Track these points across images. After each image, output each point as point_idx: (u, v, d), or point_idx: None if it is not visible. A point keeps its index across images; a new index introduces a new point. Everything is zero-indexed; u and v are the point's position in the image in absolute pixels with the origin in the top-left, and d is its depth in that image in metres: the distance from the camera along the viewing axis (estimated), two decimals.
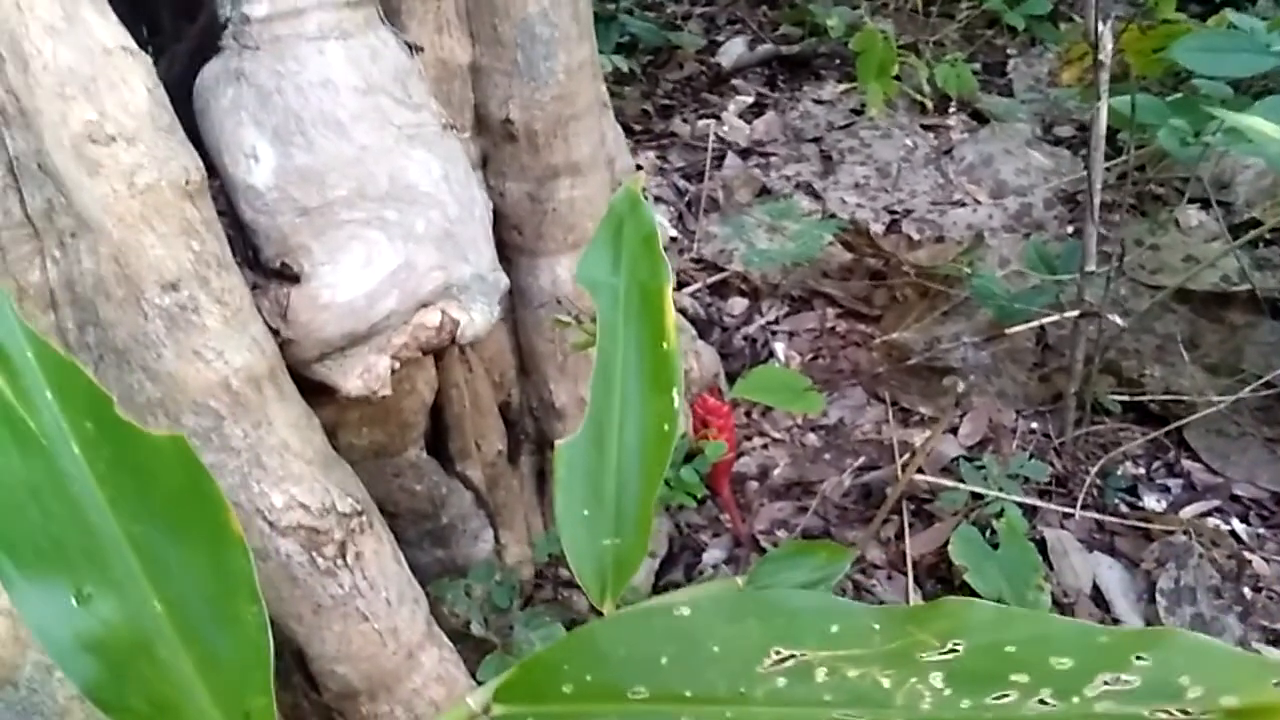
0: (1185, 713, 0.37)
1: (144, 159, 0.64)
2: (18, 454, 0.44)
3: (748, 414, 1.49)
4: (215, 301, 0.69)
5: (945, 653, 0.41)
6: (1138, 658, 0.38)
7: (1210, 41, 1.12)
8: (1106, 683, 0.38)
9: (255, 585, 0.46)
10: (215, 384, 0.70)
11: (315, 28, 0.77)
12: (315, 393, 0.81)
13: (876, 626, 0.42)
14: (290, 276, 0.76)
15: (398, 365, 0.79)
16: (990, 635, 0.41)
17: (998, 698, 0.39)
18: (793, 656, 0.43)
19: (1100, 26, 1.02)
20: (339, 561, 0.78)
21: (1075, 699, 0.38)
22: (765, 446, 1.45)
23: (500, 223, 1.04)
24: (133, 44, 0.66)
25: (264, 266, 0.77)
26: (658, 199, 1.95)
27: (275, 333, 0.75)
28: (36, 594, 0.44)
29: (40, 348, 0.44)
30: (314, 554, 0.76)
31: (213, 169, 0.76)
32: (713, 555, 1.29)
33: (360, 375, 0.78)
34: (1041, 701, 0.38)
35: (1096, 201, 1.15)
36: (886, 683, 0.41)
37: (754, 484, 1.39)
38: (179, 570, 0.45)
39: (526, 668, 0.48)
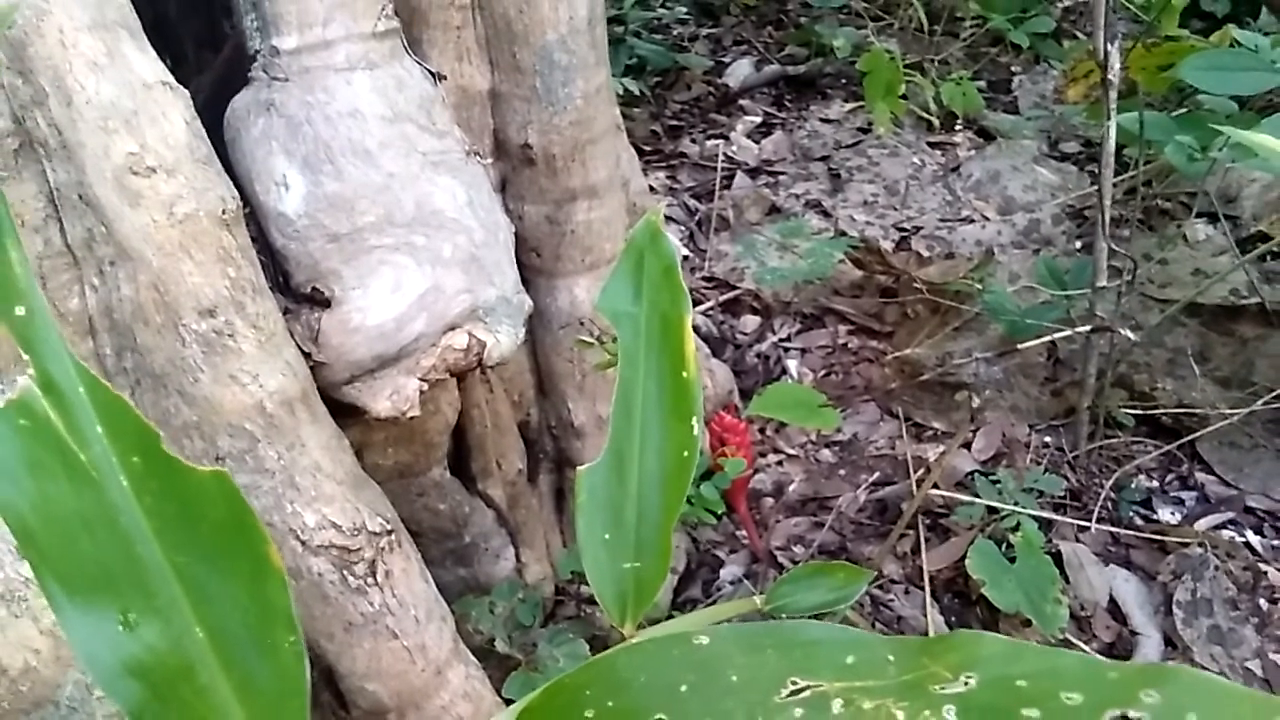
0: None
1: (183, 189, 0.66)
2: (69, 486, 0.46)
3: (762, 431, 1.50)
4: (250, 326, 0.71)
5: (958, 686, 0.42)
6: (1146, 694, 0.38)
7: (1217, 60, 1.14)
8: (1114, 718, 0.39)
9: (293, 615, 0.47)
10: (250, 407, 0.71)
11: (343, 59, 0.80)
12: (342, 413, 0.83)
13: (891, 658, 0.43)
14: (321, 301, 0.77)
15: (426, 387, 0.80)
16: (1001, 669, 0.41)
17: None
18: (809, 687, 0.44)
19: (1108, 47, 1.04)
20: (369, 580, 0.79)
21: None
22: (780, 463, 1.47)
23: (519, 245, 1.05)
24: (171, 79, 0.68)
25: (295, 291, 0.79)
26: (669, 219, 1.97)
27: (307, 356, 0.76)
28: (84, 620, 0.46)
29: (92, 383, 0.46)
30: (345, 572, 0.78)
31: (244, 196, 0.78)
32: (730, 571, 1.30)
33: (389, 397, 0.79)
34: None
35: (1107, 218, 1.17)
36: (901, 715, 0.42)
37: (770, 500, 1.40)
38: (220, 599, 0.47)
39: (550, 693, 0.50)
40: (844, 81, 2.37)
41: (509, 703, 0.92)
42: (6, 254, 0.47)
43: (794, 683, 0.44)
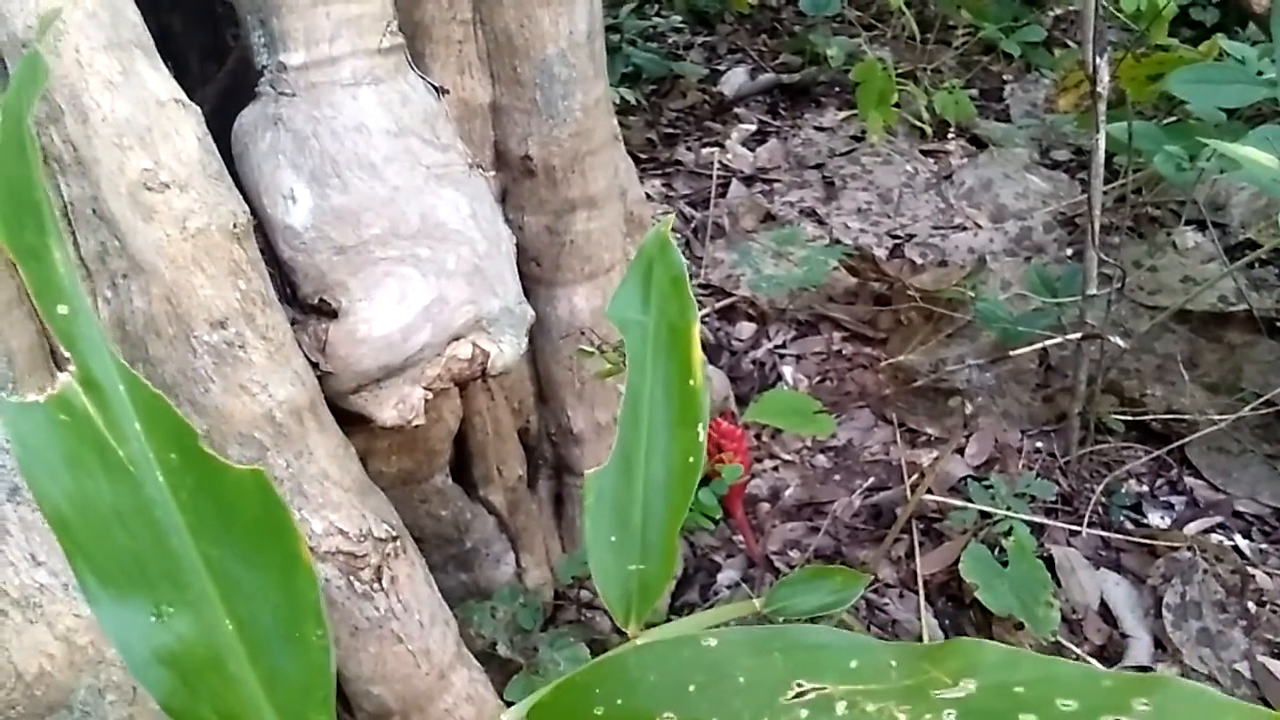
0: None
1: (195, 204, 0.68)
2: (106, 480, 0.47)
3: (758, 436, 1.52)
4: (260, 338, 0.72)
5: (958, 691, 0.43)
6: (1138, 703, 0.40)
7: (1204, 74, 1.17)
8: None
9: (321, 610, 0.49)
10: (260, 416, 0.73)
11: (349, 74, 0.81)
12: (348, 422, 0.84)
13: (894, 663, 0.45)
14: (328, 312, 0.79)
15: (431, 396, 0.82)
16: (1000, 675, 0.43)
17: None
18: (814, 689, 0.45)
19: (1097, 60, 1.06)
20: (375, 585, 0.81)
21: None
22: (776, 468, 1.48)
23: (519, 255, 1.07)
24: (184, 96, 0.69)
25: (303, 303, 0.80)
26: None
27: (315, 366, 0.78)
28: (119, 610, 0.48)
29: (131, 381, 0.48)
30: (351, 578, 0.79)
31: (252, 209, 0.80)
32: (727, 576, 1.32)
33: (395, 406, 0.81)
34: None
35: (1097, 227, 1.19)
36: (903, 718, 0.44)
37: (766, 505, 1.42)
38: (251, 593, 0.48)
39: (559, 691, 0.51)
40: (838, 90, 2.39)
41: (510, 705, 0.94)
42: (50, 254, 0.49)
43: (799, 685, 0.46)
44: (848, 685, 0.45)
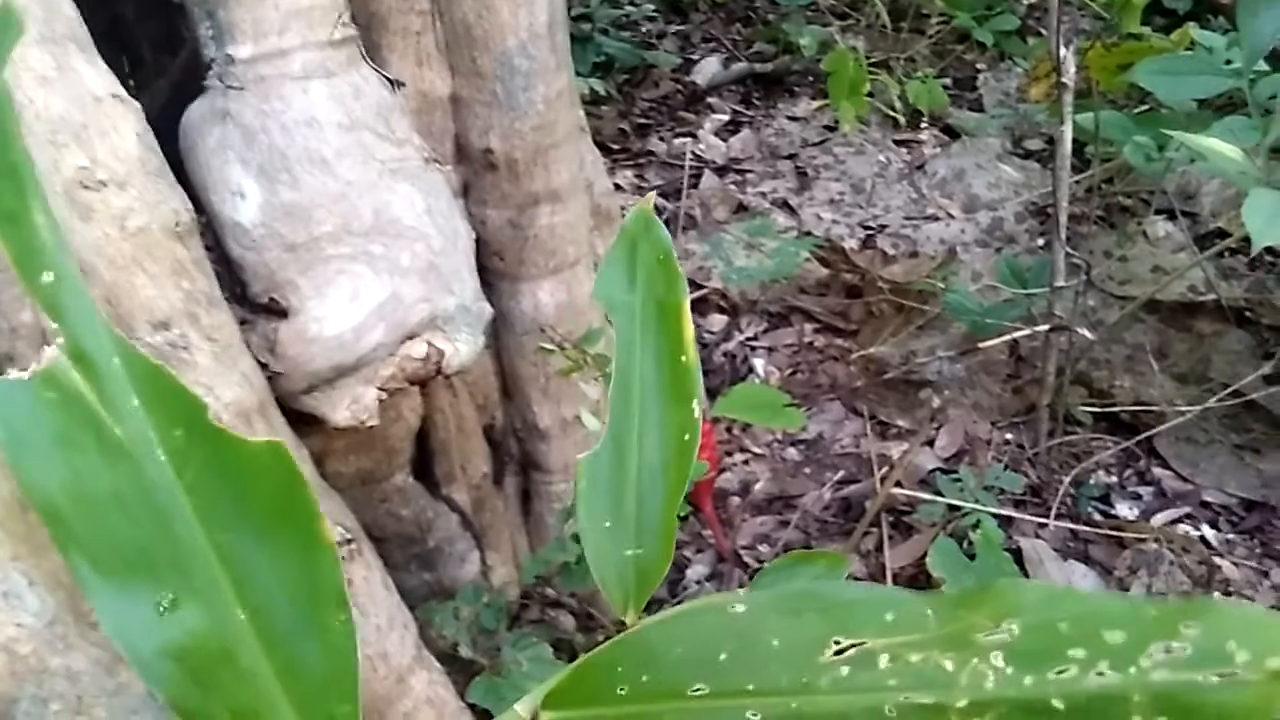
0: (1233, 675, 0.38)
1: (135, 203, 0.66)
2: (103, 462, 0.44)
3: (729, 430, 1.51)
4: (205, 339, 0.70)
5: (1000, 633, 0.42)
6: (1186, 627, 0.39)
7: (1170, 65, 1.16)
8: (1160, 651, 0.39)
9: (344, 593, 0.46)
10: None
11: (299, 67, 0.79)
12: (302, 422, 0.82)
13: (930, 612, 0.44)
14: (278, 311, 0.77)
15: (385, 395, 0.80)
16: (1042, 614, 0.42)
17: (1059, 672, 0.40)
18: (854, 645, 0.44)
19: (1063, 51, 1.05)
20: None
21: (1132, 669, 0.39)
22: (746, 462, 1.48)
23: (482, 249, 1.05)
24: (122, 91, 0.67)
25: (252, 302, 0.79)
26: None
27: (264, 366, 0.76)
28: (119, 603, 0.44)
29: (128, 354, 0.44)
30: None
31: (200, 206, 0.78)
32: (696, 571, 1.31)
33: (348, 406, 0.79)
34: (1100, 674, 0.40)
35: (1063, 219, 1.19)
36: (949, 665, 0.42)
37: (736, 499, 1.41)
38: (266, 578, 0.45)
39: (578, 671, 0.49)
40: (811, 79, 2.38)
41: (472, 708, 0.93)
42: (31, 217, 0.45)
43: (837, 642, 0.44)
44: (886, 638, 0.44)
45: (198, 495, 0.45)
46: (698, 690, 0.45)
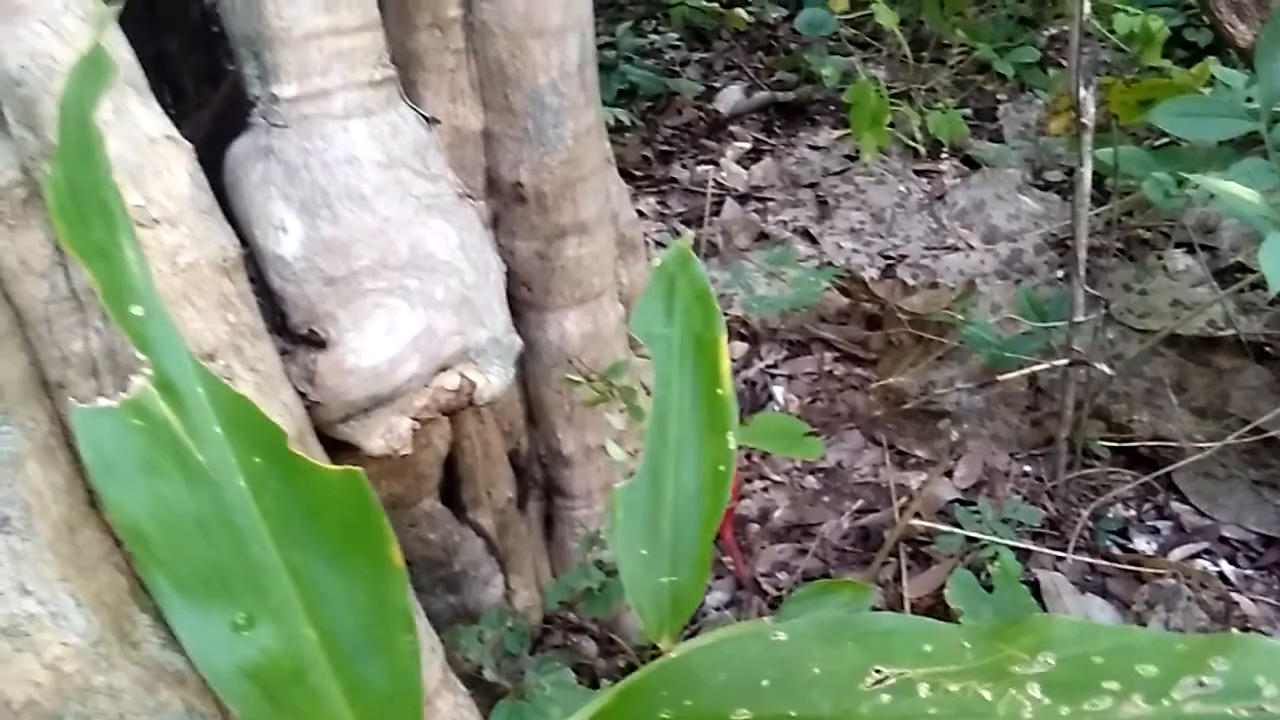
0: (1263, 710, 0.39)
1: (185, 240, 0.69)
2: (185, 487, 0.46)
3: (748, 457, 1.53)
4: (249, 369, 0.73)
5: (1036, 665, 0.43)
6: (1216, 662, 0.41)
7: (1189, 107, 1.18)
8: (1192, 685, 0.41)
9: (412, 615, 0.47)
10: None
11: (341, 107, 0.82)
12: (338, 449, 0.85)
13: (966, 644, 0.45)
14: (317, 343, 0.80)
15: (418, 425, 0.83)
16: (1077, 648, 0.43)
17: (1094, 704, 0.42)
18: (894, 674, 0.45)
19: (1082, 91, 1.07)
20: None
21: (1165, 702, 0.41)
22: (766, 489, 1.49)
23: (510, 279, 1.08)
24: (175, 132, 0.70)
25: (292, 333, 0.81)
26: (659, 244, 1.99)
27: (303, 396, 0.79)
28: (197, 622, 0.46)
29: (211, 383, 0.46)
30: None
31: (243, 239, 0.80)
32: (715, 598, 1.33)
33: (383, 435, 0.81)
34: (1134, 706, 0.41)
35: (1082, 256, 1.20)
36: (988, 695, 0.44)
37: (755, 527, 1.43)
38: (336, 599, 0.47)
39: (621, 696, 0.50)
40: (832, 108, 2.41)
41: None
42: (122, 253, 0.47)
43: (877, 671, 0.45)
44: (925, 668, 0.45)
45: (274, 519, 0.47)
46: (741, 715, 0.46)
